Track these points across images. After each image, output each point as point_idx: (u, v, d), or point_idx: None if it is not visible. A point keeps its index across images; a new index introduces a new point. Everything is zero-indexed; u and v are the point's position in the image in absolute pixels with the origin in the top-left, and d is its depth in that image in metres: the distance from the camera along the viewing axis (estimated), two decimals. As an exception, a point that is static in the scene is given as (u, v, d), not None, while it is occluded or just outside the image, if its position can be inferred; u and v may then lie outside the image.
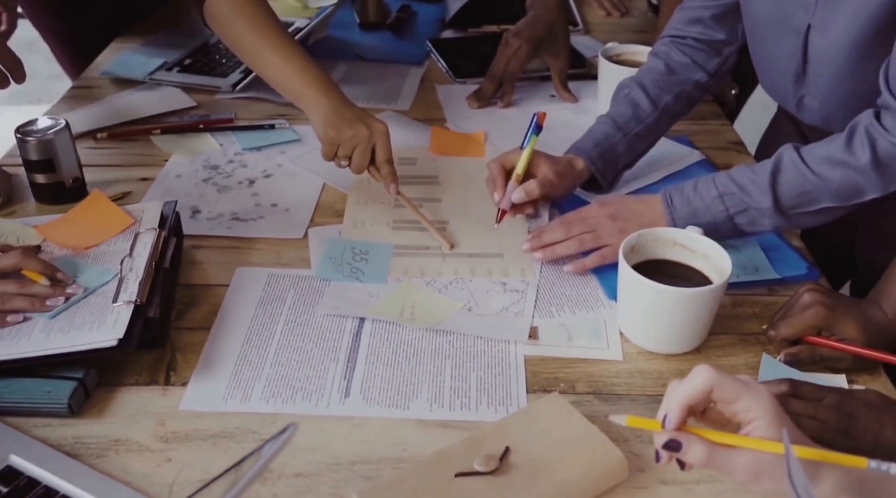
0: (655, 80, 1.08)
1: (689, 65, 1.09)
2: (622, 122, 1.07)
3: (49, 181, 1.04)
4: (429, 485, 0.66)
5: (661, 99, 1.07)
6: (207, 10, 1.09)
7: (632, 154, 1.08)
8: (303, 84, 1.04)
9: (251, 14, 1.06)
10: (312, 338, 0.85)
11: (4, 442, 0.71)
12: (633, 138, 1.07)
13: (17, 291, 0.81)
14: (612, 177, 1.08)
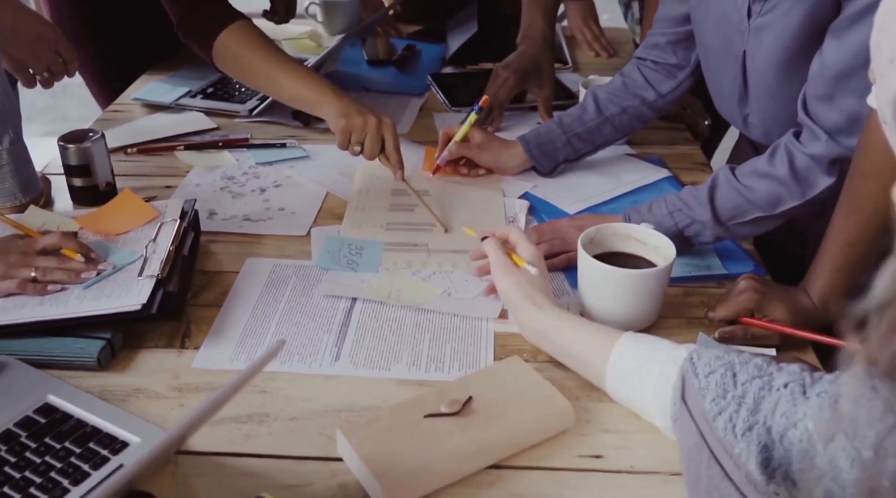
0: (609, 92, 1.25)
1: (643, 84, 1.24)
2: (567, 122, 1.26)
3: (85, 184, 1.18)
4: (401, 423, 0.77)
5: (607, 108, 1.24)
6: (217, 53, 1.24)
7: (571, 150, 1.26)
8: (317, 93, 1.20)
9: (259, 45, 1.23)
10: (310, 314, 0.97)
11: (43, 385, 0.83)
12: (574, 137, 1.25)
13: (56, 265, 0.94)
14: (550, 166, 1.27)
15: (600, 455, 0.79)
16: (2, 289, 0.92)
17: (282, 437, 0.80)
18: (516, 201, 1.24)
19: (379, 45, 1.84)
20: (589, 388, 0.86)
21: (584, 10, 1.97)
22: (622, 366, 0.78)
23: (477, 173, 1.29)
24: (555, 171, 1.29)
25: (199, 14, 1.25)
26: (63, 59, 1.31)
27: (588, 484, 0.76)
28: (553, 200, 1.24)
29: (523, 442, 0.79)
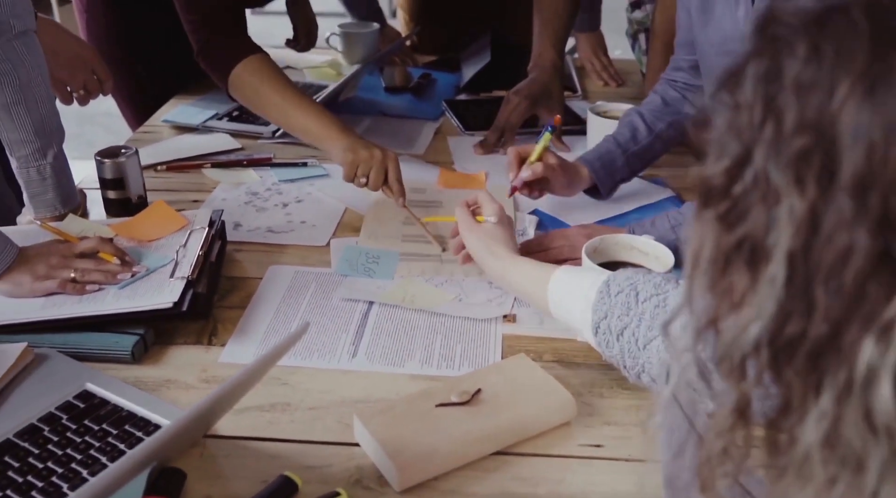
0: (652, 110, 1.30)
1: (681, 99, 1.30)
2: (622, 142, 1.29)
3: (118, 197, 1.25)
4: (415, 411, 0.83)
5: (655, 125, 1.29)
6: (233, 83, 1.33)
7: (628, 169, 1.29)
8: (325, 128, 1.27)
9: (273, 79, 1.32)
10: (329, 315, 1.03)
11: (82, 375, 0.89)
12: (631, 156, 1.28)
13: (94, 267, 1.01)
14: (610, 186, 1.29)
15: (600, 445, 0.84)
16: (44, 288, 0.99)
17: (302, 424, 0.86)
18: (526, 216, 1.30)
19: (396, 73, 1.92)
20: (590, 384, 0.92)
21: (594, 41, 2.05)
22: (556, 291, 0.89)
23: (542, 194, 1.29)
24: (613, 191, 1.32)
25: (219, 45, 1.34)
26: (98, 78, 1.39)
27: (588, 470, 0.81)
28: (560, 216, 1.30)
29: (528, 431, 0.84)
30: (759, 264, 0.36)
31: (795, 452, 0.36)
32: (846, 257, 0.33)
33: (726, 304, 0.39)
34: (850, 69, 0.33)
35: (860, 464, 0.33)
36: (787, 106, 0.35)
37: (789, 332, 0.35)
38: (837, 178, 0.33)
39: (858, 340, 0.33)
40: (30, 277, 0.99)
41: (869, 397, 0.33)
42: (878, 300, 0.33)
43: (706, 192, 0.39)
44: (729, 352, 0.38)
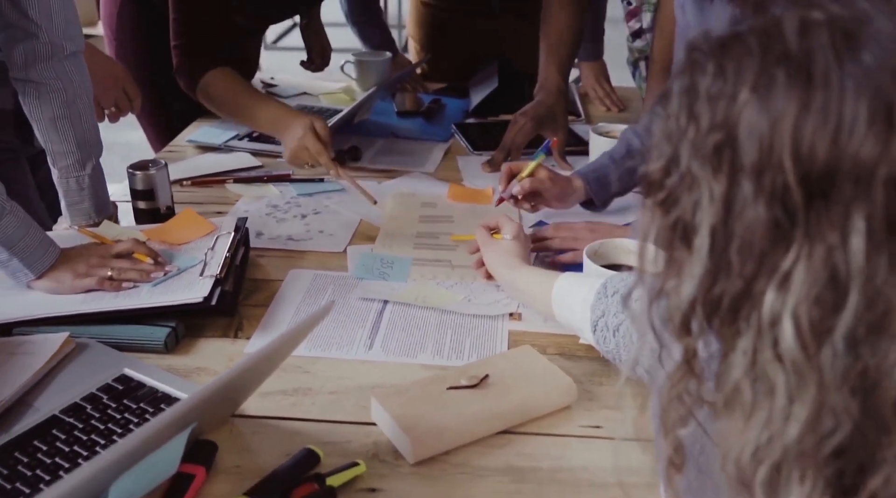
0: (648, 128, 1.37)
1: None
2: (617, 157, 1.36)
3: (148, 207, 1.33)
4: (428, 393, 0.90)
5: (649, 142, 1.36)
6: (203, 91, 1.54)
7: (622, 184, 1.36)
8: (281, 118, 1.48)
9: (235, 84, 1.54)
10: (346, 312, 1.10)
11: (119, 361, 0.96)
12: (625, 171, 1.35)
13: (130, 266, 1.09)
14: (604, 198, 1.36)
15: (599, 426, 0.91)
16: (84, 285, 1.07)
17: (323, 406, 0.92)
18: (530, 229, 1.37)
19: (407, 99, 2.01)
20: (591, 374, 0.99)
21: (597, 70, 2.14)
22: (560, 295, 0.97)
23: (536, 209, 1.38)
24: (608, 203, 1.39)
25: (191, 58, 1.55)
26: (128, 97, 1.49)
27: (587, 447, 0.87)
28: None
29: (532, 412, 0.91)
30: (689, 239, 0.45)
31: (727, 387, 0.44)
32: (752, 227, 0.41)
33: (669, 274, 0.47)
34: (746, 82, 0.42)
35: (772, 389, 0.41)
36: (702, 112, 0.44)
37: (715, 290, 0.44)
38: (742, 167, 0.41)
39: (764, 290, 0.41)
40: (71, 275, 1.07)
41: (776, 335, 0.41)
42: (777, 257, 0.40)
43: (648, 186, 0.48)
44: (673, 312, 0.46)
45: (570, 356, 1.03)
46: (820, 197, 0.39)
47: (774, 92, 0.40)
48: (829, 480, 0.40)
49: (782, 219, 0.40)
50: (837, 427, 0.39)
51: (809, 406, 0.40)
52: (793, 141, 0.39)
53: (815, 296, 0.39)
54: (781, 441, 0.40)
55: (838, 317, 0.39)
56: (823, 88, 0.39)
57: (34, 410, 0.89)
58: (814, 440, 0.40)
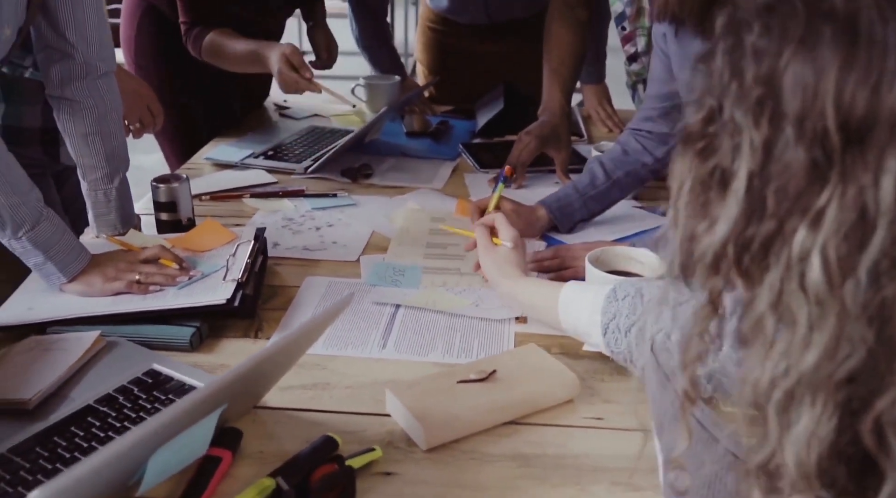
0: (613, 158, 1.45)
1: (641, 150, 1.45)
2: (581, 187, 1.45)
3: (170, 219, 1.40)
4: (439, 386, 0.96)
5: (614, 173, 1.44)
6: (207, 50, 1.77)
7: (587, 211, 1.44)
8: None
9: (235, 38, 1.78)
10: (361, 315, 1.16)
11: (148, 358, 1.02)
12: (588, 199, 1.43)
13: (156, 271, 1.15)
14: (569, 225, 1.44)
15: (601, 417, 0.96)
16: (113, 288, 1.13)
17: (340, 399, 0.98)
18: (535, 242, 1.43)
19: (416, 120, 2.08)
20: (593, 372, 1.04)
21: (599, 93, 2.22)
22: (566, 302, 1.01)
23: None
24: (573, 229, 1.47)
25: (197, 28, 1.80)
26: (152, 113, 1.56)
27: (589, 436, 0.93)
28: (567, 241, 1.43)
29: (536, 404, 0.96)
30: (727, 184, 0.49)
31: (751, 318, 0.48)
32: (790, 170, 0.46)
33: (701, 218, 0.51)
34: (792, 39, 0.47)
35: (794, 320, 0.46)
36: (747, 68, 0.48)
37: (749, 230, 0.48)
38: (784, 115, 0.46)
39: (796, 228, 0.45)
40: (101, 279, 1.13)
41: (803, 269, 0.45)
42: (811, 197, 0.45)
43: (686, 137, 0.52)
44: (704, 254, 0.51)
45: (573, 355, 1.08)
46: (857, 142, 0.43)
47: (820, 48, 0.45)
48: (839, 404, 0.44)
49: (820, 161, 0.44)
50: (852, 354, 0.43)
51: (828, 335, 0.44)
52: (836, 92, 0.44)
53: (844, 232, 0.43)
54: (798, 368, 0.45)
55: (864, 252, 0.43)
56: (868, 45, 0.43)
57: (70, 400, 0.94)
58: (829, 367, 0.44)
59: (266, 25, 1.97)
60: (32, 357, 1.00)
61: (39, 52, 1.23)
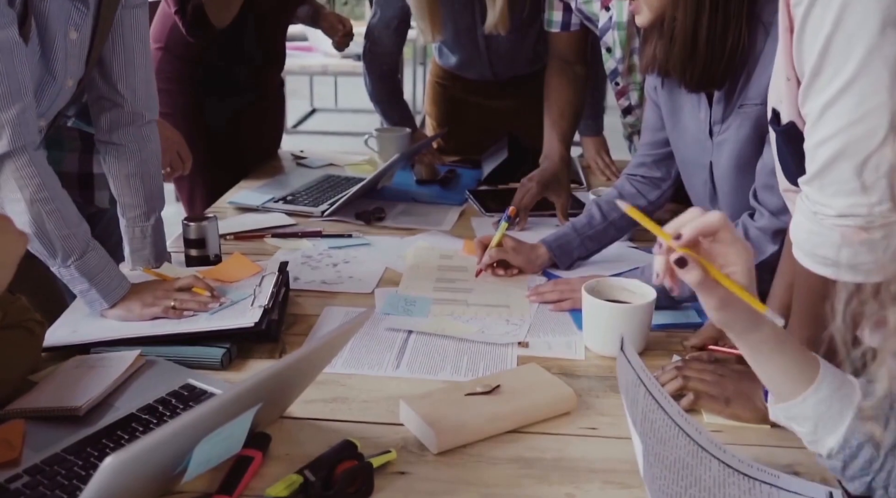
0: (608, 201, 1.57)
1: (635, 194, 1.57)
2: (579, 227, 1.56)
3: (199, 255, 1.51)
4: (448, 398, 1.06)
5: (609, 214, 1.55)
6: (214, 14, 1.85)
7: (584, 250, 1.55)
8: None
9: None
10: (376, 339, 1.26)
11: (184, 374, 1.12)
12: (586, 239, 1.54)
13: (190, 298, 1.26)
14: (568, 262, 1.55)
15: (595, 428, 1.05)
16: (151, 313, 1.24)
17: (358, 411, 1.08)
18: (537, 278, 1.54)
19: (425, 169, 2.21)
20: (588, 390, 1.14)
21: (598, 144, 2.35)
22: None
23: (511, 273, 1.54)
24: (571, 266, 1.58)
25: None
26: (181, 158, 1.69)
27: (584, 444, 1.02)
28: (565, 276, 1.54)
29: (537, 416, 1.06)
30: None
31: None
32: None
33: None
34: None
35: None
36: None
37: None
38: None
39: None
40: (139, 305, 1.24)
41: None
42: None
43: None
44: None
45: (570, 375, 1.18)
46: None
47: None
48: None
49: None
50: None
51: None
52: None
53: None
54: None
55: None
56: None
57: (115, 409, 1.05)
58: None
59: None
60: (80, 373, 1.10)
61: (93, 103, 1.37)
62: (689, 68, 1.27)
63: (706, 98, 1.36)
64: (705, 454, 0.90)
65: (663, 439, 0.85)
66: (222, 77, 2.09)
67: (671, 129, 1.48)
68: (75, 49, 1.27)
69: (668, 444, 0.86)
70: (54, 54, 1.23)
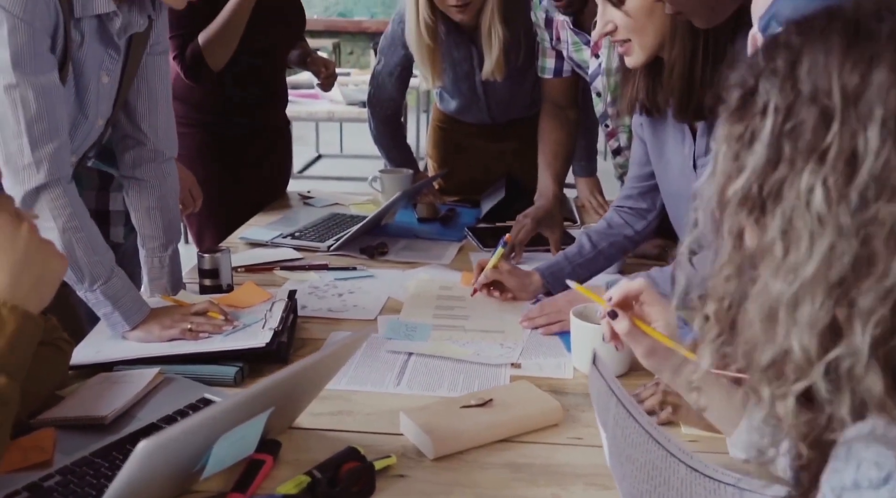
0: (598, 231, 1.67)
1: (623, 224, 1.67)
2: (570, 255, 1.66)
3: (212, 284, 1.61)
4: (445, 409, 1.14)
5: (599, 243, 1.65)
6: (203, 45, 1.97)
7: (576, 277, 1.63)
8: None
9: None
10: (379, 360, 1.35)
11: (200, 390, 1.21)
12: (577, 266, 1.64)
13: (205, 321, 1.36)
14: (560, 289, 1.63)
15: (581, 438, 1.14)
16: (169, 335, 1.33)
17: (361, 422, 1.17)
18: (532, 305, 1.63)
19: (426, 208, 2.32)
20: (575, 405, 1.23)
21: (591, 185, 2.46)
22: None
23: (506, 297, 1.65)
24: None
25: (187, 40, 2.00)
26: (192, 197, 1.80)
27: (571, 452, 1.10)
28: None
29: (527, 427, 1.14)
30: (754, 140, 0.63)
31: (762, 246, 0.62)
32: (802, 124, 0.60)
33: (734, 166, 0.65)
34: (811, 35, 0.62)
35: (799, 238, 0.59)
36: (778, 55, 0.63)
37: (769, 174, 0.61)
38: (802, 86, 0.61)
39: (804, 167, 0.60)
40: (158, 327, 1.34)
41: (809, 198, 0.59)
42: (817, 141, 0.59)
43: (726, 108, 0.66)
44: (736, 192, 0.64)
45: (560, 392, 1.26)
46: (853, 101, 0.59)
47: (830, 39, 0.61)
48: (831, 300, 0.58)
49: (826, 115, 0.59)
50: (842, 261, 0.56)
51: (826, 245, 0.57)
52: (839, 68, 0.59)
53: (840, 167, 0.58)
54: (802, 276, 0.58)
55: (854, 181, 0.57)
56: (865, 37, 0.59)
57: (138, 419, 1.13)
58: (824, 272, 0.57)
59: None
60: (104, 388, 1.19)
61: (118, 142, 1.48)
62: (686, 101, 1.38)
63: (690, 132, 1.47)
64: (673, 459, 0.98)
65: (634, 444, 0.94)
66: (225, 118, 2.21)
67: (656, 163, 1.59)
68: (106, 91, 1.39)
69: (640, 448, 0.94)
70: (88, 96, 1.35)
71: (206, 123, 2.20)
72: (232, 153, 2.25)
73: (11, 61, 1.20)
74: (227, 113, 2.21)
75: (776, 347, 0.60)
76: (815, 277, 0.58)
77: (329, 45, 7.34)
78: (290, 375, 0.96)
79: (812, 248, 0.58)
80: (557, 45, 2.01)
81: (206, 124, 2.20)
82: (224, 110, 2.20)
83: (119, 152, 1.49)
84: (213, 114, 2.20)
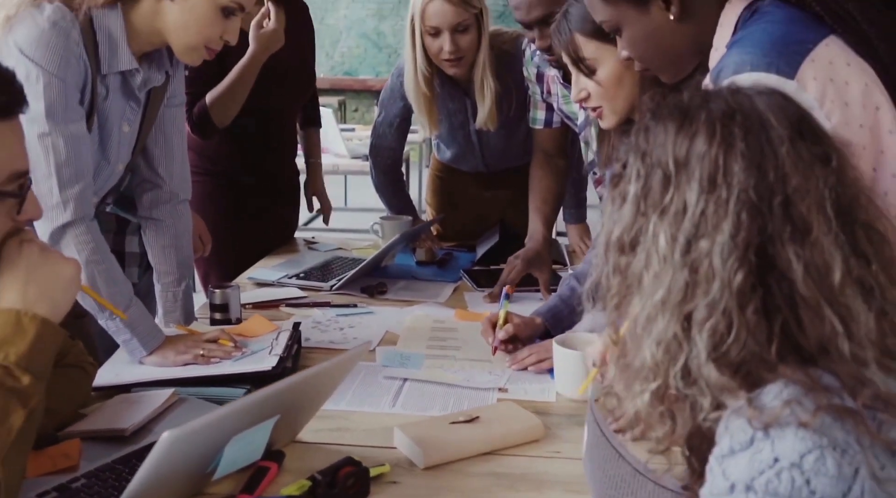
0: (583, 272, 1.77)
1: None
2: (564, 297, 1.74)
3: (222, 318, 1.73)
4: (435, 425, 1.25)
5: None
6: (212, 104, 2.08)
7: (575, 318, 1.73)
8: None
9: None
10: (376, 385, 1.46)
11: (211, 408, 1.32)
12: (574, 308, 1.72)
13: (217, 347, 1.47)
14: (560, 330, 1.71)
15: (559, 451, 1.24)
16: (183, 359, 1.45)
17: (358, 438, 1.27)
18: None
19: (424, 252, 2.44)
20: (556, 424, 1.33)
21: (581, 230, 2.59)
22: None
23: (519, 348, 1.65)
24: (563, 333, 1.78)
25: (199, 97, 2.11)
26: (202, 241, 1.93)
27: (550, 463, 1.21)
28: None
29: (510, 441, 1.25)
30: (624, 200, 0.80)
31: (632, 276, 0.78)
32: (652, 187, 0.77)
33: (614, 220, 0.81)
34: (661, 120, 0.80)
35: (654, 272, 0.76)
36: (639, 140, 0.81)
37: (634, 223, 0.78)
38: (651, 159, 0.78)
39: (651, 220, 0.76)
40: (173, 353, 1.45)
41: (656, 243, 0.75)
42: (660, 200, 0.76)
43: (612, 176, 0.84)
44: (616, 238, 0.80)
45: (543, 413, 1.37)
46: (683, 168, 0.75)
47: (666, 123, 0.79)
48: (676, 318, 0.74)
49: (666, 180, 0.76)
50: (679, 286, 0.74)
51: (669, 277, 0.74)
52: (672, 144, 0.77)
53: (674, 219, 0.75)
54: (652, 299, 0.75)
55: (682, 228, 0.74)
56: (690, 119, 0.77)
57: (154, 433, 1.24)
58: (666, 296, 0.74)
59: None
60: (124, 406, 1.30)
61: (137, 185, 1.62)
62: None
63: None
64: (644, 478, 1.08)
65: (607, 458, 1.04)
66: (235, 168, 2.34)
67: None
68: (126, 139, 1.53)
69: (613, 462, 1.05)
70: (110, 143, 1.49)
71: (216, 172, 2.34)
72: (240, 201, 2.38)
73: (45, 112, 1.34)
74: (237, 164, 2.35)
75: (640, 355, 0.77)
76: (662, 300, 0.75)
77: (335, 102, 7.58)
78: (295, 382, 1.08)
79: (659, 279, 0.76)
80: (548, 97, 2.16)
81: (216, 173, 2.34)
82: (233, 161, 2.34)
83: (138, 195, 1.63)
84: (223, 164, 2.34)
